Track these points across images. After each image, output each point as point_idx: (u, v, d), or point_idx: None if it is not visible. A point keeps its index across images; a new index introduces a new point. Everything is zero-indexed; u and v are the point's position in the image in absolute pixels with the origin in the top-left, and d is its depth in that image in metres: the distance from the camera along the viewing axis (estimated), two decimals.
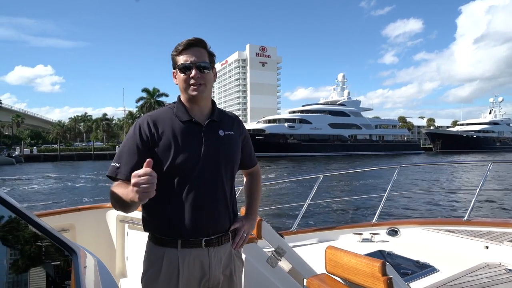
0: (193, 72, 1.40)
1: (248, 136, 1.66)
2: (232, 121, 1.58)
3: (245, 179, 1.75)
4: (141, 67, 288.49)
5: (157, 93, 69.27)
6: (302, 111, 69.59)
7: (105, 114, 73.05)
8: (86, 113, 79.76)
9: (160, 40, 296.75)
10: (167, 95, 70.35)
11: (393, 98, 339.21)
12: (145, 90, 68.51)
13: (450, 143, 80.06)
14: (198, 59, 1.40)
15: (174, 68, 1.46)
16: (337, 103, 75.46)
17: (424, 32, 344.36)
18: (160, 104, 68.58)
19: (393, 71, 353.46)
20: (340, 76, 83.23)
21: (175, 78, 1.47)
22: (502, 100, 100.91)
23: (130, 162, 1.36)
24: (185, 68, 1.41)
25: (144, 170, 1.15)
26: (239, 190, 2.73)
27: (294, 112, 71.54)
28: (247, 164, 1.67)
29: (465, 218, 3.80)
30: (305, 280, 2.01)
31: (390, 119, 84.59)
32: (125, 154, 1.38)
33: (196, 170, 1.38)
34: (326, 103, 77.21)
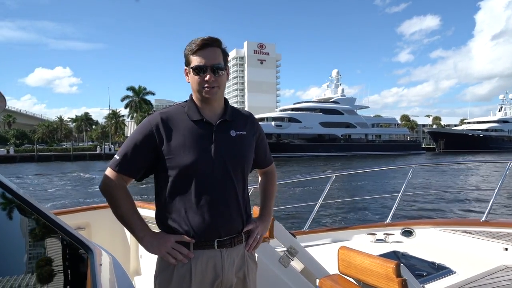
0: (208, 76, 1.36)
1: (263, 135, 1.61)
2: (246, 120, 1.53)
3: (259, 178, 1.70)
4: (146, 66, 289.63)
5: (143, 92, 67.17)
6: (293, 109, 66.50)
7: (86, 113, 71.17)
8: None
9: (160, 36, 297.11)
10: (153, 93, 68.37)
11: (408, 96, 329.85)
12: (130, 88, 66.32)
13: (454, 142, 75.79)
14: (212, 61, 1.36)
15: (186, 66, 1.41)
16: (330, 100, 71.93)
17: (441, 29, 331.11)
18: (147, 102, 66.66)
19: (408, 69, 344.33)
20: (334, 73, 79.57)
21: (187, 76, 1.42)
22: None
23: (133, 158, 1.37)
24: (199, 70, 1.37)
25: (187, 252, 1.33)
26: (251, 189, 2.73)
27: (285, 110, 68.52)
28: (262, 164, 1.64)
29: (483, 219, 3.66)
30: (317, 280, 2.00)
31: (389, 118, 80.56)
32: (130, 150, 1.37)
33: (206, 171, 1.36)
34: (319, 101, 73.75)
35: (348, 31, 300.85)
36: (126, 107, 65.94)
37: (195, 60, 1.35)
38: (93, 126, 75.99)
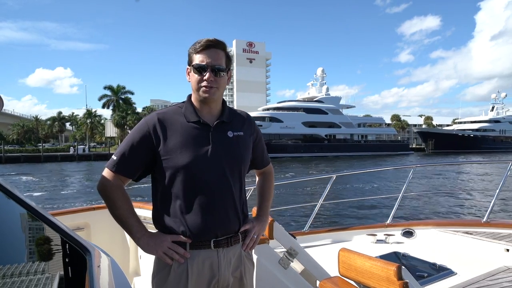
0: (207, 74, 1.38)
1: (261, 136, 1.63)
2: (243, 121, 1.55)
3: (257, 179, 1.73)
4: (147, 66, 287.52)
5: (122, 91, 64.98)
6: (275, 109, 64.46)
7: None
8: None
9: (159, 36, 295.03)
10: (132, 93, 66.33)
11: (409, 96, 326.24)
12: (108, 87, 64.14)
13: (444, 142, 73.77)
14: (214, 61, 1.38)
15: (189, 65, 1.44)
16: (314, 99, 69.75)
17: (441, 30, 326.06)
18: (126, 102, 64.54)
19: (408, 69, 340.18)
20: (319, 71, 77.48)
21: (188, 75, 1.44)
22: (506, 96, 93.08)
23: (131, 159, 1.38)
24: (200, 69, 1.39)
25: (183, 251, 1.35)
26: (251, 190, 2.76)
27: (267, 109, 66.43)
28: (259, 165, 1.66)
29: (484, 220, 3.65)
30: (317, 282, 2.02)
31: (376, 117, 78.62)
32: (128, 150, 1.38)
33: (203, 172, 1.37)
34: (303, 100, 71.67)
35: (348, 32, 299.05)
36: (103, 107, 63.90)
37: (197, 59, 1.37)
38: (80, 126, 74.03)
